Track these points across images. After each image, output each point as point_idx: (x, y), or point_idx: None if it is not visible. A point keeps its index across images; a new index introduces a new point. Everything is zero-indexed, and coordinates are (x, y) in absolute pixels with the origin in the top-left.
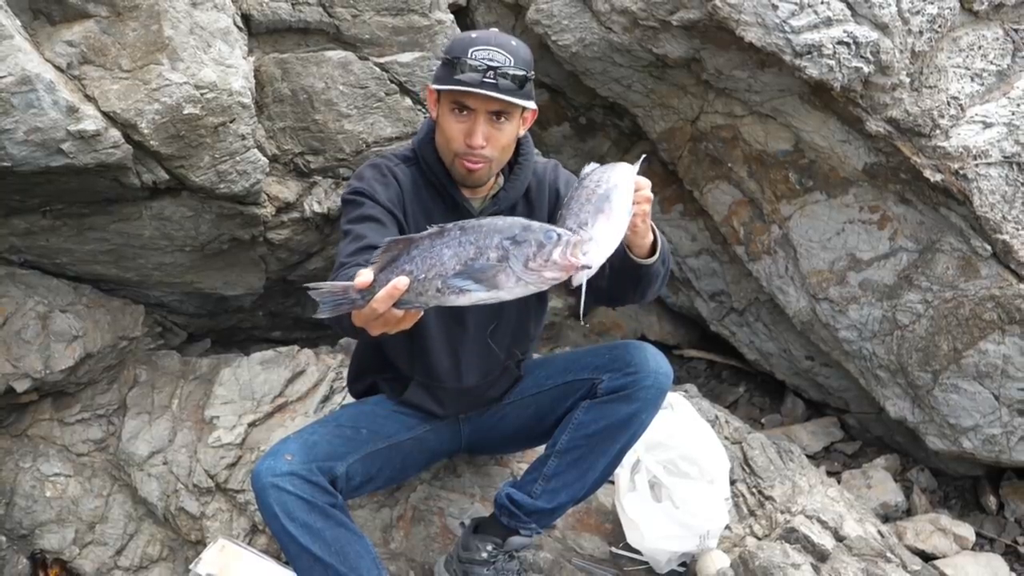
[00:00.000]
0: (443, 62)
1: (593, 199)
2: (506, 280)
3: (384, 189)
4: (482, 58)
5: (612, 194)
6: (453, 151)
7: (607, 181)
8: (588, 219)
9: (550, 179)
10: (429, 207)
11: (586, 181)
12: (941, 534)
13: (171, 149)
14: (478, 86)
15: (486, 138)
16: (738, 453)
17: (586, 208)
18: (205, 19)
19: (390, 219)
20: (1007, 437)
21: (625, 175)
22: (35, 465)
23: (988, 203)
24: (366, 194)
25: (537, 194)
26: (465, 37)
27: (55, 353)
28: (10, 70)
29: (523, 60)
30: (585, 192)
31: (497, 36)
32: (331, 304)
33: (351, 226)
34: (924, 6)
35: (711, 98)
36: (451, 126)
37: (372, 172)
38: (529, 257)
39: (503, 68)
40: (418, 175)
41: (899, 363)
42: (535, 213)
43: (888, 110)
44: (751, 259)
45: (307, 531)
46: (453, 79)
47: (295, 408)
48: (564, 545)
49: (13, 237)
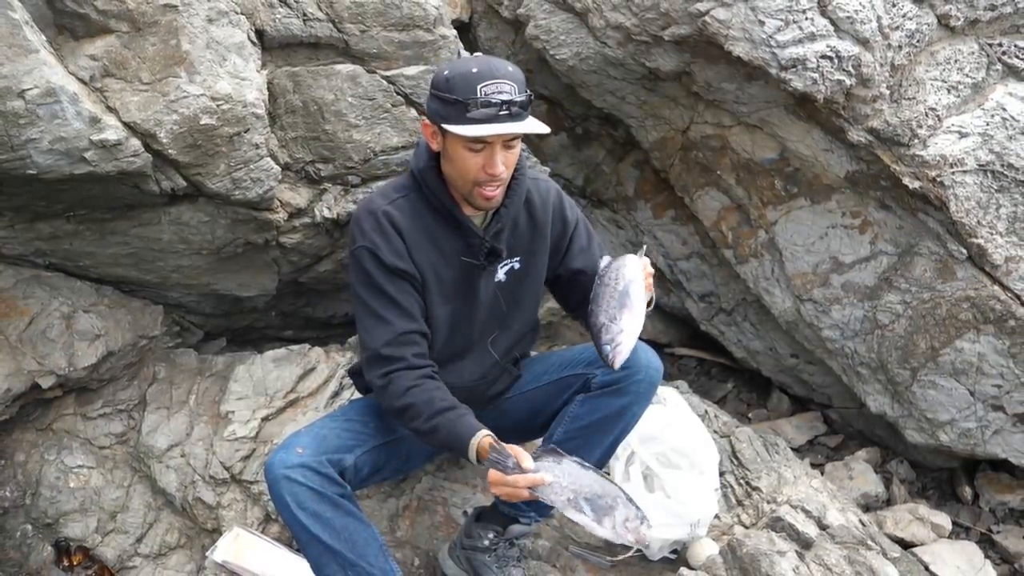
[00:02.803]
0: (445, 100)
1: (616, 296)
2: (607, 523)
3: (385, 242)
4: (491, 94)
5: (630, 288)
6: (472, 182)
7: (624, 277)
8: (616, 314)
9: (555, 206)
10: (432, 230)
11: (606, 278)
12: (919, 523)
13: (188, 157)
14: (495, 121)
15: (504, 163)
16: (727, 446)
17: (612, 304)
18: (221, 34)
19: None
20: (982, 431)
21: (636, 268)
22: (59, 457)
23: (964, 209)
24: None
25: (542, 215)
26: (465, 73)
27: (78, 351)
28: (36, 83)
29: (522, 81)
30: (608, 290)
31: (493, 66)
32: (495, 458)
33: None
34: (903, 22)
35: (701, 109)
36: (467, 160)
37: (370, 223)
38: (628, 519)
39: (513, 99)
40: (418, 200)
41: (879, 361)
42: (539, 235)
43: (869, 120)
44: (739, 262)
45: (317, 520)
46: (467, 119)
47: (306, 403)
48: (561, 533)
49: (38, 241)
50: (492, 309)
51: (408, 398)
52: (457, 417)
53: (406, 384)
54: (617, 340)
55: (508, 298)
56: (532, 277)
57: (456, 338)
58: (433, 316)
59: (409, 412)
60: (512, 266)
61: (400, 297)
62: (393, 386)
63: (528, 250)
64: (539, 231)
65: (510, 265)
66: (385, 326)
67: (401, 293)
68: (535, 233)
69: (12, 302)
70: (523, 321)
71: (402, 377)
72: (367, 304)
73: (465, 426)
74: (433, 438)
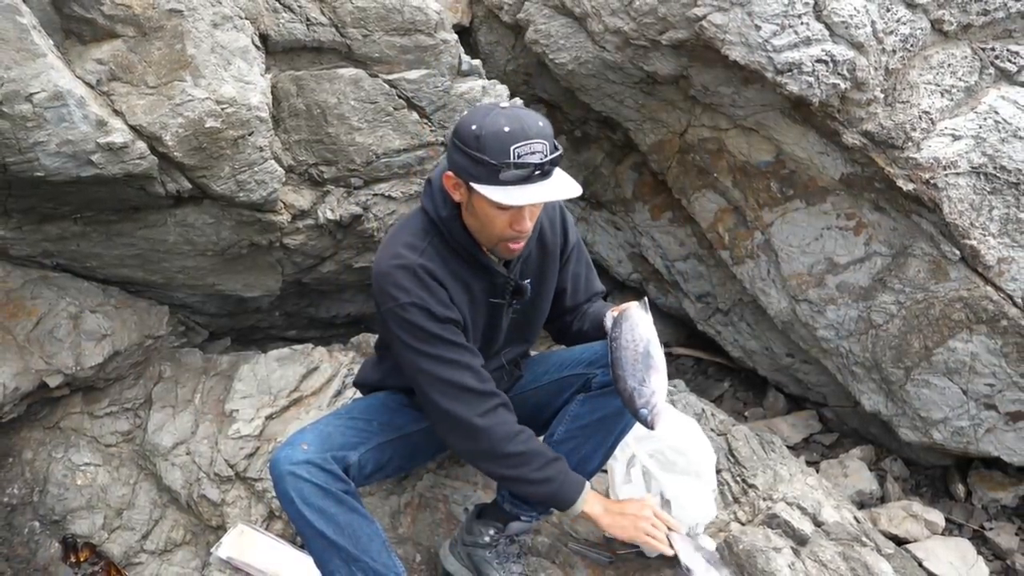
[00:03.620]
0: (476, 160)
1: (640, 358)
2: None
3: (431, 296)
4: (525, 155)
5: (651, 349)
6: (498, 238)
7: (643, 339)
8: (644, 376)
9: (560, 224)
10: (463, 275)
11: (622, 340)
12: (913, 520)
13: (194, 160)
14: (527, 182)
15: (532, 217)
16: (723, 444)
17: (639, 368)
18: (225, 39)
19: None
20: (974, 429)
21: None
22: (66, 455)
23: (957, 211)
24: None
25: (551, 238)
26: (497, 132)
27: (85, 351)
28: (43, 86)
29: (552, 137)
30: (630, 353)
31: (525, 124)
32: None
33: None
34: (897, 27)
35: (698, 112)
36: (495, 218)
37: (411, 280)
38: None
39: (546, 156)
40: (441, 246)
41: (874, 360)
42: (549, 257)
43: (863, 124)
44: (735, 263)
45: (321, 516)
46: (499, 180)
47: (309, 402)
48: (561, 530)
49: (46, 242)
50: (509, 333)
51: (520, 445)
52: (565, 469)
53: (513, 429)
54: (652, 402)
55: (523, 320)
56: (542, 297)
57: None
58: None
59: (520, 459)
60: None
61: (459, 339)
62: (501, 428)
63: (539, 273)
64: (549, 253)
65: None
66: (462, 367)
67: (457, 336)
68: (545, 256)
69: (20, 302)
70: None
71: (507, 420)
72: (432, 354)
73: (575, 480)
74: (540, 488)
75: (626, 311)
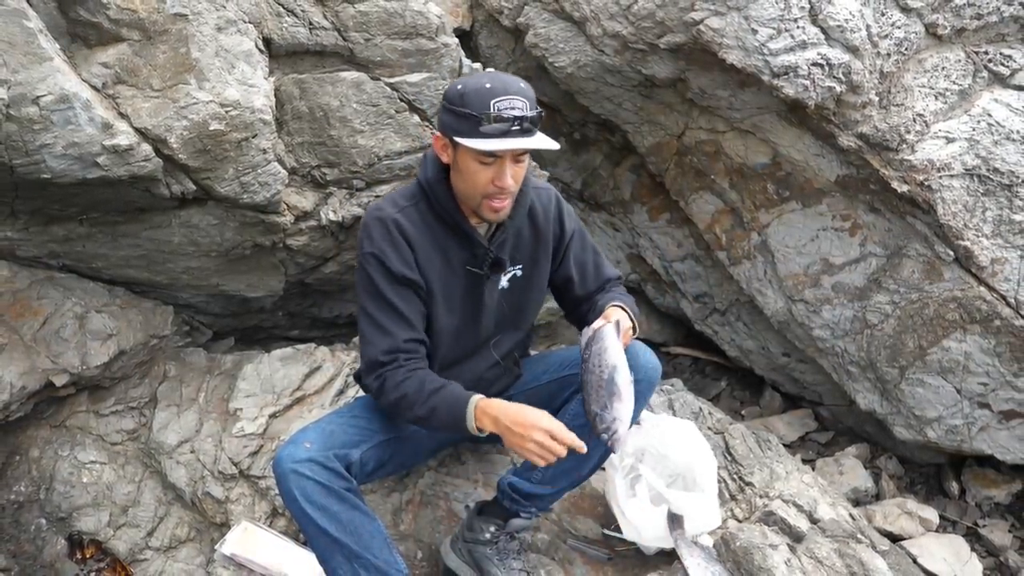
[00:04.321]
0: (459, 114)
1: (604, 384)
2: None
3: (394, 251)
4: (504, 109)
5: (615, 376)
6: (481, 194)
7: (608, 365)
8: (606, 403)
9: (555, 213)
10: (442, 241)
11: (590, 364)
12: (907, 517)
13: (198, 162)
14: (507, 136)
15: (513, 177)
16: (720, 442)
17: (602, 394)
18: (229, 42)
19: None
20: (968, 428)
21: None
22: (73, 453)
23: (951, 212)
24: (379, 259)
25: (544, 224)
26: (479, 88)
27: (91, 350)
28: (49, 89)
29: (534, 99)
30: (594, 379)
31: (506, 82)
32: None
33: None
34: (892, 30)
35: (695, 115)
36: (477, 173)
37: (380, 231)
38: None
39: (525, 114)
40: (427, 210)
41: (869, 359)
42: (541, 243)
43: (859, 126)
44: (732, 263)
45: (324, 513)
46: (480, 132)
47: (312, 401)
48: (560, 527)
49: (52, 243)
50: (496, 316)
51: (400, 390)
52: (449, 392)
53: (397, 379)
54: (612, 428)
55: (511, 304)
56: (534, 284)
57: (460, 344)
58: (439, 325)
59: (404, 402)
60: (515, 274)
61: (403, 306)
62: (386, 383)
63: (531, 258)
64: (541, 239)
65: (513, 273)
66: (385, 336)
67: (404, 302)
68: (538, 242)
69: (27, 302)
70: (524, 324)
71: (393, 374)
72: (369, 313)
73: (457, 396)
74: (433, 420)
75: (599, 332)
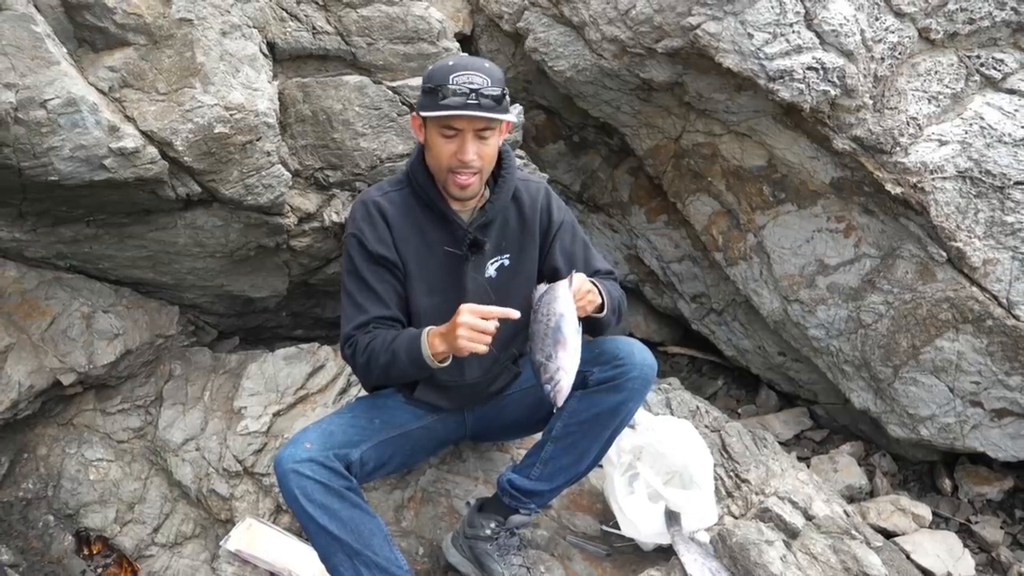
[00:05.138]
0: (425, 91)
1: (550, 333)
2: None
3: (371, 230)
4: (463, 82)
5: (562, 324)
6: (446, 169)
7: (555, 313)
8: (551, 352)
9: (543, 203)
10: (422, 223)
11: (539, 314)
12: (901, 514)
13: (203, 165)
14: (464, 108)
15: (476, 153)
16: (717, 440)
17: (547, 343)
18: (234, 47)
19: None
20: (960, 426)
21: (566, 301)
22: (80, 451)
23: (943, 214)
24: (358, 239)
25: (531, 213)
26: (443, 65)
27: (98, 350)
28: (57, 93)
29: (498, 79)
30: (541, 327)
31: (472, 60)
32: None
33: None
34: (886, 35)
35: (693, 118)
36: (441, 147)
37: (361, 212)
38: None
39: (483, 89)
40: (410, 195)
41: (863, 359)
42: (528, 233)
43: (853, 129)
44: (729, 264)
45: (325, 511)
46: (439, 104)
47: (315, 400)
48: (559, 523)
49: (60, 244)
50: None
51: (368, 349)
52: (406, 333)
53: (365, 341)
54: (556, 378)
55: (499, 294)
56: (522, 274)
57: None
58: (418, 305)
59: (372, 359)
60: (502, 263)
61: (379, 286)
62: (357, 348)
63: (518, 247)
64: (528, 229)
65: (500, 262)
66: (360, 312)
67: (380, 281)
68: (524, 231)
69: (35, 303)
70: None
71: (362, 339)
72: (348, 291)
73: (413, 334)
74: (399, 363)
75: (552, 286)
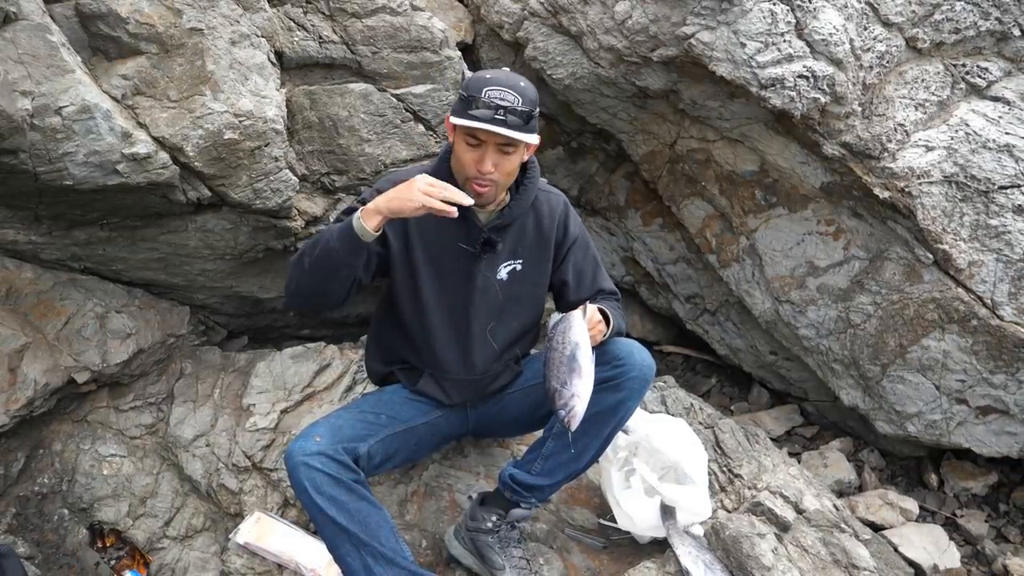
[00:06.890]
0: (460, 97)
1: (565, 361)
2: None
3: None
4: (494, 97)
5: (577, 353)
6: (465, 175)
7: (571, 342)
8: (566, 379)
9: (560, 216)
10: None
11: (554, 342)
12: (889, 508)
13: (213, 170)
14: (489, 122)
15: (494, 165)
16: (711, 436)
17: (563, 370)
18: (243, 56)
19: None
20: (947, 422)
21: (581, 330)
22: (94, 447)
23: (930, 217)
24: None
25: (548, 223)
26: (481, 76)
27: (111, 349)
28: (72, 100)
29: (530, 100)
30: (557, 355)
31: (509, 77)
32: None
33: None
34: (874, 44)
35: (687, 125)
36: (464, 154)
37: (385, 184)
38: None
39: (512, 107)
40: None
41: (852, 357)
42: (544, 242)
43: (842, 135)
44: (722, 266)
45: (333, 503)
46: (468, 114)
47: (322, 397)
48: (558, 517)
49: (74, 247)
50: (488, 298)
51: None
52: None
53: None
54: (570, 405)
55: (508, 296)
56: (533, 280)
57: (453, 321)
58: (424, 293)
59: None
60: (515, 267)
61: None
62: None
63: (532, 255)
64: (543, 238)
65: (513, 266)
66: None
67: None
68: (540, 239)
69: (50, 303)
70: (522, 319)
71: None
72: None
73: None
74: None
75: (566, 315)
